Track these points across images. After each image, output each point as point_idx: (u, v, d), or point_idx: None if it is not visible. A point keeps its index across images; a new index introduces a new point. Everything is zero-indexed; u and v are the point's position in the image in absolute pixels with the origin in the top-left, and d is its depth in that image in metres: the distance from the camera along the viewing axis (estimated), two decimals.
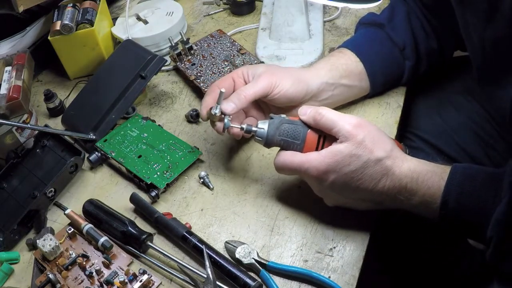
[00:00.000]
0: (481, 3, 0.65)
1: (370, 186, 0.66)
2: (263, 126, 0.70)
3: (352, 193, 0.68)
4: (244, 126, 0.72)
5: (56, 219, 0.80)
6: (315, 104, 0.80)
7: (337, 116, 0.67)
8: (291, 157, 0.69)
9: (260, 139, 0.71)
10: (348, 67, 0.84)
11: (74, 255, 0.71)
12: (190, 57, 0.99)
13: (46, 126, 0.86)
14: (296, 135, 0.69)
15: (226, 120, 0.73)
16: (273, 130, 0.70)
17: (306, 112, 0.69)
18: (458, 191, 0.64)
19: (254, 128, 0.71)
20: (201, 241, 0.70)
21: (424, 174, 0.66)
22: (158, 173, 0.80)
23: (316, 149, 0.68)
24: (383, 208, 0.71)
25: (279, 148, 0.71)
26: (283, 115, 0.72)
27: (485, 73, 0.71)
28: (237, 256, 0.70)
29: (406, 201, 0.67)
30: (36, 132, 0.88)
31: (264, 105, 0.82)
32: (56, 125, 0.95)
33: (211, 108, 0.74)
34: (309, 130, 0.69)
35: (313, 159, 0.67)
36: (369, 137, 0.66)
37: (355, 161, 0.65)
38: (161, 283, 0.69)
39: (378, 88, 0.88)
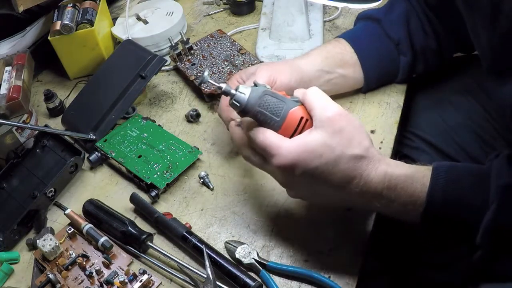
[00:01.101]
0: (485, 7, 0.65)
1: (341, 184, 0.61)
2: (245, 91, 0.62)
3: (320, 190, 0.63)
4: (223, 85, 0.63)
5: (56, 219, 0.80)
6: None
7: (323, 99, 0.61)
8: (265, 135, 0.62)
9: (238, 104, 0.62)
10: (343, 56, 0.84)
11: (74, 255, 0.71)
12: (190, 57, 0.99)
13: (46, 126, 0.87)
14: (277, 110, 0.62)
15: (205, 74, 0.64)
16: (255, 99, 0.62)
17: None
18: (442, 197, 0.62)
19: (233, 91, 0.62)
20: (201, 241, 0.70)
21: (403, 181, 0.62)
22: (158, 173, 0.80)
23: (294, 133, 0.62)
24: (352, 207, 0.69)
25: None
26: (268, 86, 0.65)
27: (496, 72, 0.71)
28: (237, 256, 0.70)
29: (380, 207, 0.64)
30: (36, 132, 0.88)
31: None
32: (56, 125, 0.95)
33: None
34: (292, 109, 0.62)
35: (284, 146, 0.60)
36: (347, 129, 0.60)
37: (327, 154, 0.59)
38: (161, 283, 0.69)
39: (372, 82, 0.88)
